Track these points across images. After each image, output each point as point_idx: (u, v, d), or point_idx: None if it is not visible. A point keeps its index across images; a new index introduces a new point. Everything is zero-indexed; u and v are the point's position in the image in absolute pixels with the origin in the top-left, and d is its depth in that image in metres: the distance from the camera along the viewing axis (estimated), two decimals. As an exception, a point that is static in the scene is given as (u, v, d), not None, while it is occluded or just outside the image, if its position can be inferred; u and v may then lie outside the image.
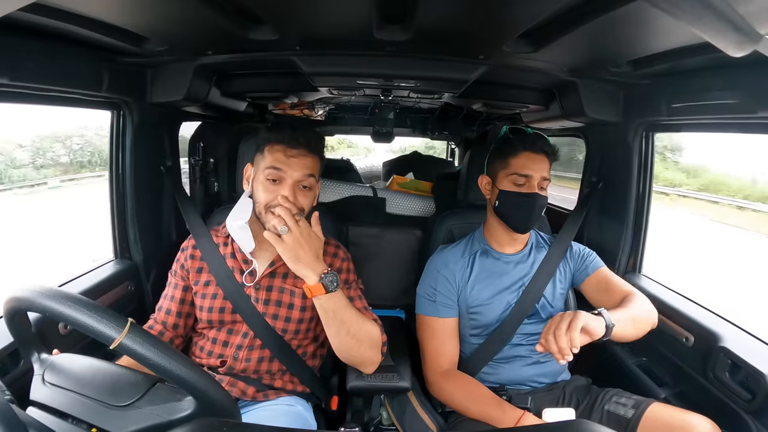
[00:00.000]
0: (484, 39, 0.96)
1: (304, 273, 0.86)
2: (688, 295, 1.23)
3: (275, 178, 0.93)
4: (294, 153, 0.94)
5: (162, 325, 1.04)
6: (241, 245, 1.00)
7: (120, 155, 1.29)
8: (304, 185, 0.95)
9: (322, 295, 0.86)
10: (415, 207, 1.92)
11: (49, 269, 3.81)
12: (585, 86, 1.24)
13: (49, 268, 3.85)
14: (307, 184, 0.95)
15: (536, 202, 1.09)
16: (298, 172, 0.93)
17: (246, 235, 0.98)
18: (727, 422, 0.92)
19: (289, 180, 0.93)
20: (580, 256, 1.21)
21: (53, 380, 0.66)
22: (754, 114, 0.89)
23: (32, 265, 4.19)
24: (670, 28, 0.76)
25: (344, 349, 0.94)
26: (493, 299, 1.14)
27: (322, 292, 0.86)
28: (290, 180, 0.93)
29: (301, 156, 0.95)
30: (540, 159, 1.11)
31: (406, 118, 2.86)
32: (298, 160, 0.94)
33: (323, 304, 0.88)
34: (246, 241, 0.99)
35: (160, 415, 0.61)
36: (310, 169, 0.95)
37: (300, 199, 0.94)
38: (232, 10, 0.81)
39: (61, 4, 0.72)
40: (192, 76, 1.19)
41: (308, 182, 0.95)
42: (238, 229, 0.98)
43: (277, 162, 0.93)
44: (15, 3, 0.40)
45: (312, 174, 0.96)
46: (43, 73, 0.89)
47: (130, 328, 0.58)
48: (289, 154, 0.94)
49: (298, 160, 0.94)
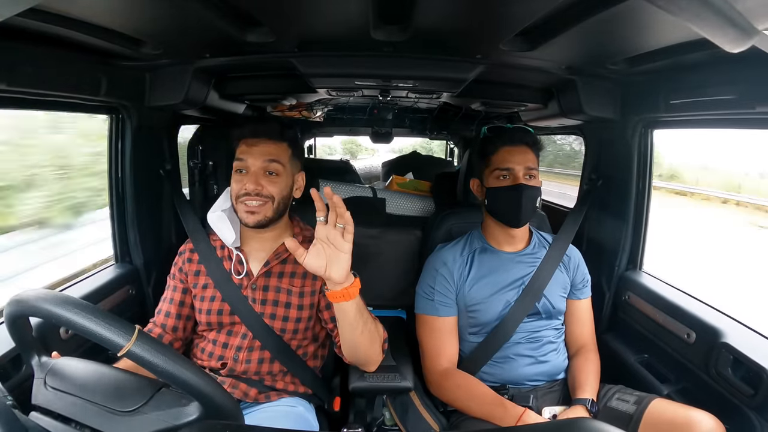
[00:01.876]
0: (481, 38, 0.96)
1: (343, 274, 0.81)
2: (689, 292, 1.23)
3: (241, 168, 0.98)
4: (255, 142, 0.99)
5: (161, 328, 1.04)
6: (221, 236, 1.02)
7: (119, 159, 1.29)
8: (270, 171, 0.98)
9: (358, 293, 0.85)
10: (414, 207, 1.92)
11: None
12: (583, 84, 1.24)
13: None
14: (272, 169, 0.98)
15: (523, 193, 1.09)
16: (260, 159, 0.97)
17: (225, 225, 1.01)
18: (729, 418, 0.92)
19: (252, 167, 0.97)
20: (582, 276, 1.22)
21: (55, 384, 0.66)
22: (752, 109, 0.88)
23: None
24: (668, 25, 0.76)
25: (360, 348, 0.94)
26: (492, 297, 1.14)
27: (358, 287, 0.84)
28: (253, 167, 0.97)
29: (262, 144, 0.98)
30: (520, 150, 1.12)
31: (404, 118, 2.85)
32: (259, 148, 0.98)
33: (359, 303, 0.86)
34: (226, 231, 1.02)
35: (165, 421, 0.61)
36: (272, 155, 0.98)
37: (266, 185, 0.97)
38: (229, 13, 0.81)
39: (58, 9, 0.72)
40: (190, 79, 1.19)
41: (273, 167, 0.98)
42: (216, 219, 1.02)
43: (240, 153, 0.99)
44: (12, 8, 0.40)
45: (275, 159, 0.98)
46: (41, 78, 0.88)
47: (138, 335, 0.58)
48: (250, 143, 0.99)
49: (259, 147, 0.98)
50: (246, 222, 0.97)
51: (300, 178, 1.05)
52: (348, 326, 0.88)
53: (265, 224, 0.98)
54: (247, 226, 0.98)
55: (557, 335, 1.17)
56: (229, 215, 1.02)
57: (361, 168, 4.02)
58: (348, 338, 0.92)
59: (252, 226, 0.97)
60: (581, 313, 1.21)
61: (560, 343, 1.18)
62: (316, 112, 2.52)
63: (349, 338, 0.91)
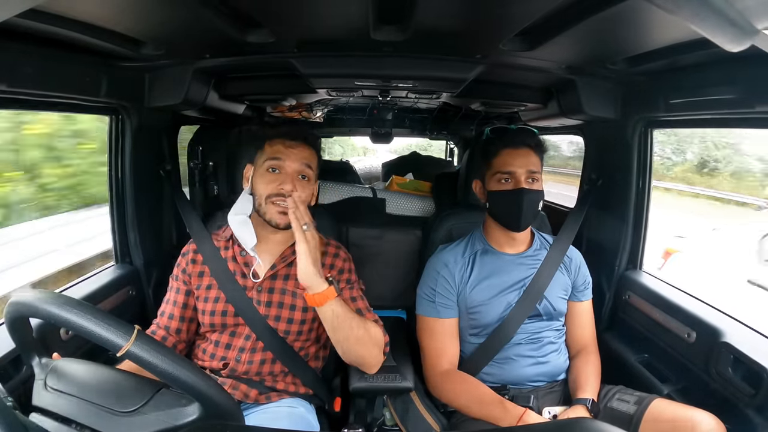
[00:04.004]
0: (481, 38, 0.96)
1: (315, 280, 0.86)
2: (689, 291, 1.23)
3: (275, 167, 0.98)
4: (293, 144, 0.99)
5: (165, 330, 1.04)
6: (243, 241, 1.02)
7: (119, 160, 1.29)
8: (303, 175, 0.99)
9: (334, 299, 0.87)
10: (414, 207, 1.92)
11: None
12: (583, 84, 1.24)
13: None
14: (305, 174, 0.99)
15: (524, 197, 1.08)
16: (297, 161, 0.98)
17: (248, 230, 1.01)
18: (730, 417, 0.92)
19: (289, 168, 0.97)
20: (584, 279, 1.22)
21: (56, 385, 0.66)
22: (753, 109, 0.88)
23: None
24: (667, 25, 0.76)
25: (350, 352, 0.94)
26: (493, 299, 1.13)
27: (334, 295, 0.87)
28: (290, 168, 0.98)
29: (300, 147, 0.99)
30: (523, 153, 1.10)
31: (404, 118, 2.86)
32: (297, 151, 0.98)
33: (335, 309, 0.88)
34: (248, 236, 1.01)
35: (165, 421, 0.61)
36: (308, 160, 0.99)
37: (299, 189, 0.97)
38: (229, 14, 0.81)
39: (58, 10, 0.72)
40: (190, 80, 1.19)
41: (306, 173, 0.99)
42: (240, 224, 1.01)
43: (276, 153, 0.98)
44: (12, 9, 0.40)
45: (310, 165, 1.00)
46: (41, 79, 0.89)
47: (137, 335, 0.58)
48: (288, 144, 0.99)
49: (296, 150, 0.98)
50: (277, 222, 0.97)
51: (317, 187, 1.07)
52: (329, 330, 0.91)
53: (290, 227, 0.96)
54: (277, 228, 0.98)
55: (558, 336, 1.17)
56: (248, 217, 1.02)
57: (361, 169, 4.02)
58: (333, 340, 0.93)
59: (282, 228, 0.97)
60: (582, 314, 1.21)
61: (561, 344, 1.18)
62: (315, 113, 2.52)
63: (334, 340, 0.93)
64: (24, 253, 3.09)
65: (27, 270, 2.98)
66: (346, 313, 0.90)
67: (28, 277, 2.88)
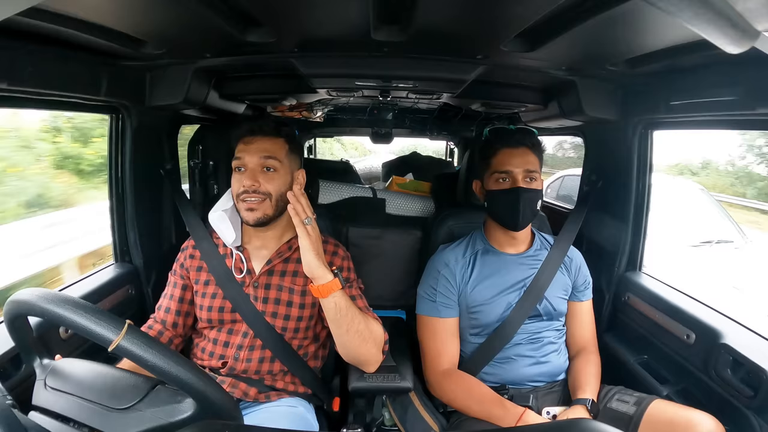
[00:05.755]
0: (481, 39, 0.96)
1: (320, 272, 0.88)
2: (689, 293, 1.23)
3: (239, 167, 0.99)
4: (251, 139, 1.00)
5: (161, 324, 1.05)
6: (221, 235, 1.03)
7: (119, 159, 1.29)
8: (267, 167, 0.98)
9: (338, 291, 0.88)
10: (414, 207, 1.92)
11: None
12: (583, 85, 1.24)
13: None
14: (269, 165, 0.98)
15: (521, 196, 1.09)
16: (256, 155, 0.98)
17: (225, 225, 1.02)
18: (729, 419, 0.92)
19: (250, 164, 0.98)
20: (584, 279, 1.22)
21: (55, 385, 0.66)
22: (753, 110, 0.88)
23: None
24: (667, 26, 0.76)
25: (350, 347, 0.94)
26: (494, 299, 1.14)
27: (339, 286, 0.88)
28: (250, 164, 0.98)
29: (258, 141, 0.99)
30: (520, 152, 1.11)
31: (404, 118, 2.85)
32: (254, 146, 0.99)
33: (338, 302, 0.89)
34: (226, 230, 1.02)
35: (160, 418, 0.62)
36: (267, 151, 0.99)
37: (264, 182, 0.97)
38: (230, 13, 0.81)
39: (59, 9, 0.72)
40: (190, 79, 1.19)
41: (269, 163, 0.98)
42: (217, 219, 1.02)
43: (238, 152, 1.00)
44: (13, 7, 0.40)
45: (271, 155, 0.99)
46: (41, 78, 0.88)
47: (128, 329, 0.58)
48: (247, 141, 1.00)
49: (254, 145, 0.99)
50: (247, 220, 0.98)
51: (300, 175, 1.05)
52: (332, 323, 0.92)
53: (265, 222, 0.98)
54: (249, 225, 0.99)
55: (558, 336, 1.17)
56: (230, 215, 1.03)
57: (361, 169, 4.02)
58: (335, 334, 0.94)
59: (253, 225, 0.98)
60: (582, 315, 1.21)
61: (561, 344, 1.18)
62: (316, 113, 2.52)
63: (336, 334, 0.94)
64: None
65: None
66: (349, 306, 0.90)
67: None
